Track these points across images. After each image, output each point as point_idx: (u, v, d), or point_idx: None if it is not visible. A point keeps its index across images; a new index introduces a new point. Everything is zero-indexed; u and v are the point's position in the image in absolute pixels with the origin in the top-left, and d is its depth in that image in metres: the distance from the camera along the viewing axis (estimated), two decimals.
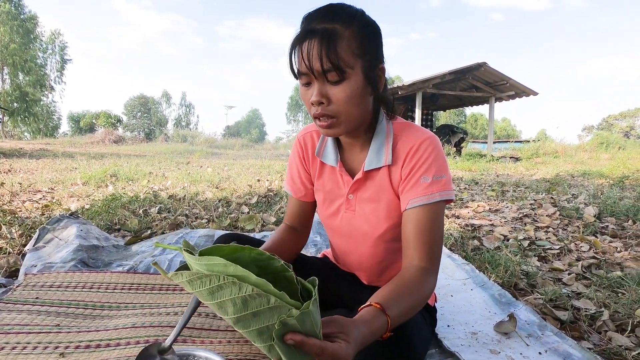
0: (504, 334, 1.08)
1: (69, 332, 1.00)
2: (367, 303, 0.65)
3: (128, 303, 1.22)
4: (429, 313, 0.96)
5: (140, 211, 2.61)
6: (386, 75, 0.80)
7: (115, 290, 1.30)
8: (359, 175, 0.85)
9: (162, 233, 2.16)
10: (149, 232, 2.16)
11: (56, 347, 0.92)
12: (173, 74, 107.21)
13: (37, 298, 1.19)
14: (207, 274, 0.49)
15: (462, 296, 1.35)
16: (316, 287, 0.53)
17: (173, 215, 2.56)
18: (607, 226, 2.38)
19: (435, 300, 1.06)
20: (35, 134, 27.74)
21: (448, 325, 1.14)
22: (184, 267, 0.56)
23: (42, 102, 28.62)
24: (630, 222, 2.45)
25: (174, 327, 1.02)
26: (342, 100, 0.72)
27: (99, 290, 1.29)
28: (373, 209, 0.87)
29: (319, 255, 1.21)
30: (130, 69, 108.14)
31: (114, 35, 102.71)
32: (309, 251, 1.81)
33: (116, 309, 1.18)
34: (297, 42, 0.71)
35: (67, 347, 0.92)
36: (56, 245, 1.68)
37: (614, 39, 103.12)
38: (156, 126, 49.53)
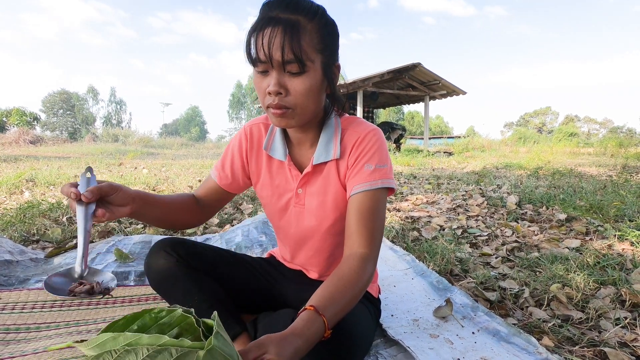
0: (442, 318, 1.16)
1: None
2: (304, 307, 0.65)
3: (50, 323, 1.10)
4: (373, 305, 0.99)
5: (64, 219, 2.35)
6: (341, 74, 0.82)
7: (33, 310, 1.15)
8: (308, 169, 0.86)
9: (91, 242, 1.97)
10: (74, 241, 1.95)
11: None
12: (100, 68, 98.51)
13: None
14: (98, 354, 0.47)
15: (404, 286, 1.41)
16: (216, 320, 0.51)
17: (103, 222, 2.35)
18: (526, 212, 2.66)
19: (379, 292, 1.09)
20: None
21: (392, 315, 1.18)
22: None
23: None
24: (544, 207, 2.76)
25: None
26: (300, 92, 0.72)
27: (14, 311, 1.14)
28: (321, 202, 0.88)
29: (265, 256, 1.19)
30: (48, 62, 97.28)
31: (27, 23, 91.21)
32: (254, 252, 1.77)
33: (35, 331, 1.05)
34: (257, 29, 0.69)
35: None
36: None
37: (527, 47, 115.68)
38: (82, 125, 45.13)
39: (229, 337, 0.51)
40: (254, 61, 0.71)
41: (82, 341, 0.51)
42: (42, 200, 2.86)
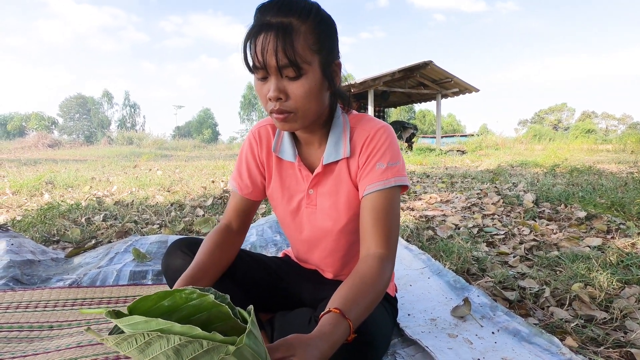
0: (460, 318, 1.14)
1: (1, 359, 0.90)
2: (327, 309, 0.63)
3: (72, 321, 1.12)
4: (390, 304, 0.98)
5: (83, 220, 2.40)
6: (342, 71, 0.80)
7: (56, 308, 1.18)
8: (318, 170, 0.85)
9: (109, 242, 2.01)
10: (93, 241, 1.99)
11: None
12: (114, 72, 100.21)
13: None
14: (131, 334, 0.47)
15: (420, 285, 1.40)
16: (251, 316, 0.51)
17: (120, 222, 2.39)
18: (544, 210, 2.60)
19: (396, 291, 1.08)
20: None
21: (409, 314, 1.17)
22: (116, 329, 0.55)
23: None
24: (562, 205, 2.69)
25: None
26: (300, 96, 0.71)
27: (37, 309, 1.17)
28: (333, 202, 0.87)
29: (280, 255, 1.19)
30: (63, 67, 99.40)
31: (41, 29, 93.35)
32: (268, 251, 1.77)
33: (58, 328, 1.07)
34: (252, 36, 0.68)
35: None
36: None
37: (540, 42, 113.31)
38: (98, 128, 46.19)
39: (260, 335, 0.51)
40: (251, 68, 0.71)
41: (116, 313, 0.52)
42: (62, 201, 2.93)
